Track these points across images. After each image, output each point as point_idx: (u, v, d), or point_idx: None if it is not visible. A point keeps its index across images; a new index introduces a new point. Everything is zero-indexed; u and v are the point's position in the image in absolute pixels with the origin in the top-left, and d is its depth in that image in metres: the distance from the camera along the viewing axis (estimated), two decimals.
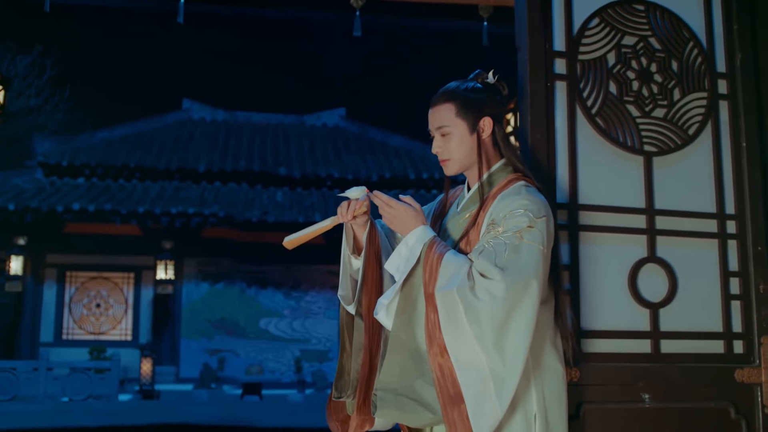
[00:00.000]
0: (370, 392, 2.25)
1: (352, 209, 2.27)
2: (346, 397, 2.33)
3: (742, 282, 2.81)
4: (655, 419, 2.63)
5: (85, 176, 17.51)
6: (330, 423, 2.40)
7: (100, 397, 12.37)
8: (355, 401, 2.27)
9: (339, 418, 2.39)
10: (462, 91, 2.33)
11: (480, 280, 2.04)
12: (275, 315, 17.71)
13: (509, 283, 2.02)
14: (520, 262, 2.07)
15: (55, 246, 16.72)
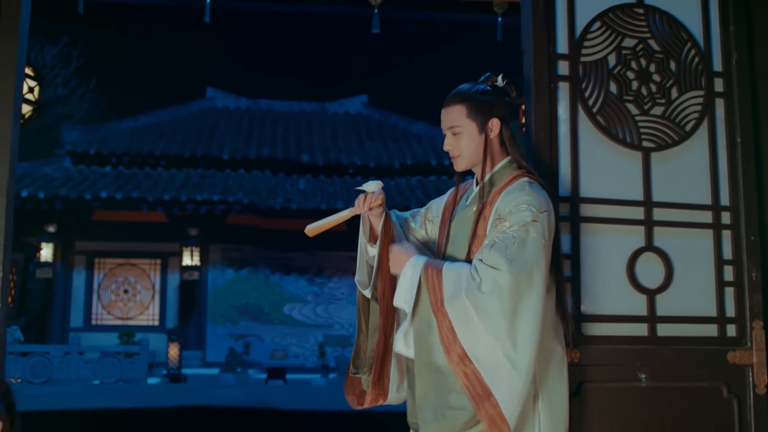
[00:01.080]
0: (384, 369, 2.47)
1: (368, 201, 2.47)
2: (362, 374, 2.54)
3: (736, 270, 2.99)
4: (652, 398, 2.82)
5: (112, 164, 17.82)
6: (347, 396, 2.62)
7: (129, 380, 12.71)
8: (371, 377, 2.48)
9: (355, 392, 2.60)
10: (472, 93, 2.51)
11: (487, 272, 2.22)
12: (299, 301, 17.97)
13: (515, 273, 2.21)
14: (526, 253, 2.26)
15: (84, 233, 17.06)
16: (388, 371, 2.51)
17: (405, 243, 2.50)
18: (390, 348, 2.48)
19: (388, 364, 2.50)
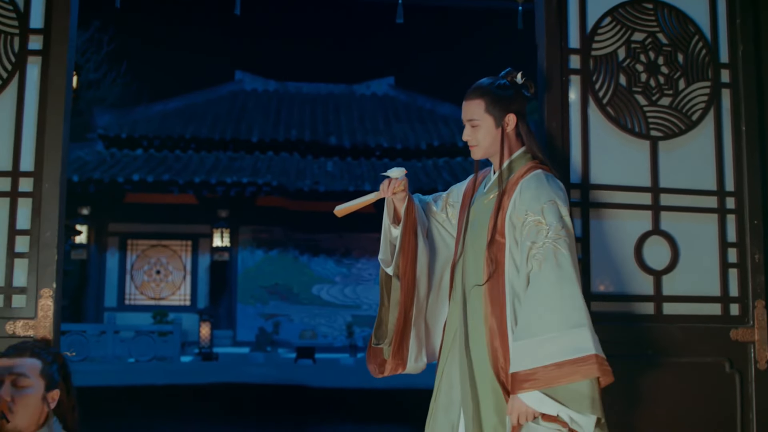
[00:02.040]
0: (404, 341, 2.67)
1: (392, 186, 2.67)
2: (383, 344, 2.75)
3: (739, 252, 3.15)
4: (657, 372, 3.01)
5: (143, 147, 18.13)
6: (369, 366, 2.83)
7: (163, 358, 13.08)
8: (391, 348, 2.69)
9: (377, 361, 2.80)
10: (492, 88, 2.68)
11: (557, 272, 2.40)
12: (327, 281, 18.24)
13: (574, 258, 2.42)
14: (573, 243, 2.44)
15: (117, 215, 17.43)
16: (408, 343, 2.71)
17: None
18: (409, 321, 2.69)
19: (407, 336, 2.70)
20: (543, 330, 2.37)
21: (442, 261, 2.81)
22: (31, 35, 2.93)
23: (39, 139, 2.87)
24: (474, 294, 2.59)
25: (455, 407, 2.60)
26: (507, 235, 2.53)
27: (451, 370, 2.64)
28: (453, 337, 2.67)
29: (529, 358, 2.36)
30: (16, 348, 2.43)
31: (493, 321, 2.52)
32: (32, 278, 2.80)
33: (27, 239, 2.82)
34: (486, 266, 2.56)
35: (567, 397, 2.33)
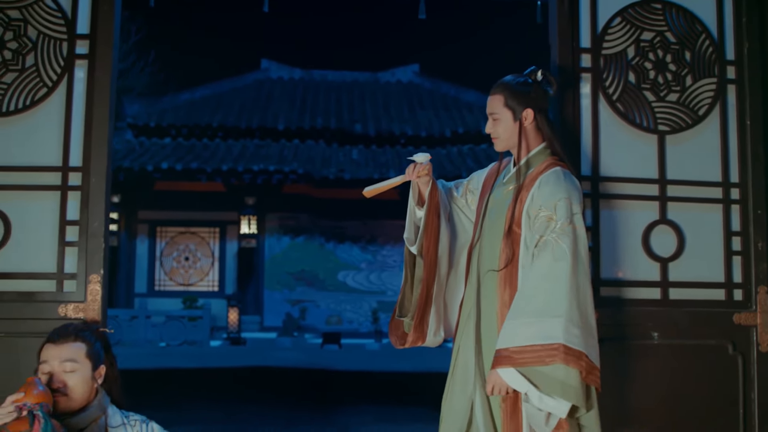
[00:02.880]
0: (425, 315, 2.89)
1: (417, 171, 2.88)
2: (405, 318, 2.96)
3: (743, 240, 3.33)
4: (663, 353, 3.20)
5: (171, 136, 18.43)
6: (391, 337, 3.04)
7: (193, 342, 13.42)
8: (413, 321, 2.90)
9: (398, 333, 3.01)
10: (512, 85, 2.87)
11: (550, 264, 2.58)
12: (353, 268, 18.49)
13: (575, 254, 2.59)
14: (577, 241, 2.62)
15: (146, 203, 17.77)
16: (428, 318, 2.91)
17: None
18: (431, 298, 2.90)
19: (428, 311, 2.91)
20: (524, 314, 2.57)
21: (461, 243, 3.01)
22: (78, 40, 3.15)
23: (86, 136, 3.11)
24: (488, 278, 2.79)
25: (470, 380, 2.79)
26: (523, 226, 2.72)
27: (467, 348, 2.84)
28: (467, 317, 2.86)
29: (509, 338, 2.57)
30: (60, 334, 2.60)
31: (506, 301, 2.71)
32: (81, 265, 3.04)
33: (76, 229, 3.07)
34: (502, 254, 2.76)
35: (537, 378, 2.53)
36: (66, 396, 2.51)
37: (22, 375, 2.83)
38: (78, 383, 2.54)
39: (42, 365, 2.52)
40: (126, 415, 2.66)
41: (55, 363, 2.52)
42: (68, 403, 2.52)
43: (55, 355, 2.53)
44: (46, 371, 2.51)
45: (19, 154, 3.10)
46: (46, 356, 2.53)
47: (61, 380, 2.51)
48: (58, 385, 2.50)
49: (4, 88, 3.11)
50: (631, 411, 3.15)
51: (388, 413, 7.40)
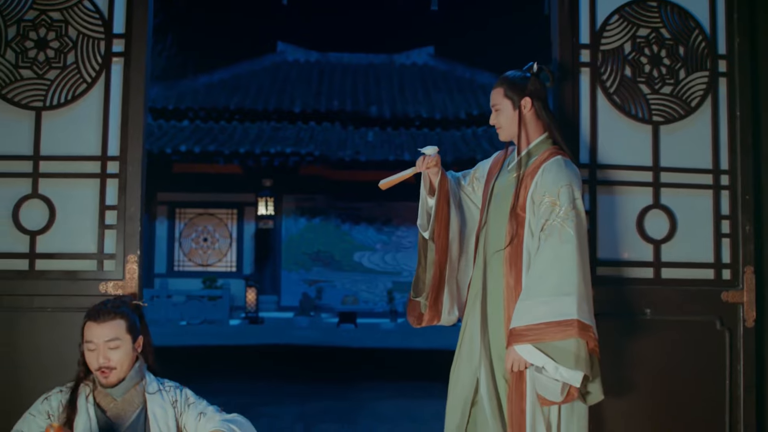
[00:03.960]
0: (439, 296, 3.15)
1: (426, 162, 3.12)
2: (421, 299, 3.22)
3: (732, 223, 3.57)
4: (655, 328, 3.45)
5: (189, 119, 18.64)
6: (409, 318, 3.31)
7: (213, 321, 13.76)
8: (428, 302, 3.17)
9: (415, 313, 3.28)
10: (511, 77, 3.12)
11: (558, 247, 2.82)
12: (368, 249, 18.73)
13: (579, 236, 2.84)
14: (580, 223, 2.88)
15: (165, 185, 18.02)
16: (442, 298, 3.18)
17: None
18: (443, 279, 3.16)
19: (441, 292, 3.18)
20: (538, 294, 2.82)
21: (470, 228, 3.26)
22: (114, 39, 3.43)
23: (123, 128, 3.38)
24: (495, 259, 3.05)
25: (476, 356, 3.06)
26: (527, 210, 2.97)
27: (473, 325, 3.10)
28: (475, 296, 3.12)
29: (525, 317, 2.82)
30: (100, 312, 2.81)
31: (511, 282, 2.97)
32: (120, 246, 3.33)
33: (115, 213, 3.35)
34: (507, 235, 3.01)
35: (553, 352, 2.77)
36: (113, 370, 2.79)
37: (67, 347, 3.15)
38: (122, 357, 2.81)
39: (87, 344, 2.77)
40: (161, 382, 2.93)
41: (100, 342, 2.76)
42: (115, 375, 2.80)
43: (99, 334, 2.76)
44: (92, 349, 2.77)
45: (61, 144, 3.38)
46: (90, 336, 2.77)
47: (106, 357, 2.76)
48: (104, 362, 2.76)
49: (47, 84, 3.39)
50: (625, 382, 3.41)
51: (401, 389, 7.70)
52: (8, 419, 2.95)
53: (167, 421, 2.83)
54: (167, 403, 2.86)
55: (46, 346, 3.28)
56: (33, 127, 3.37)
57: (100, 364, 2.76)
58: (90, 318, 2.80)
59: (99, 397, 2.81)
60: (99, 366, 2.76)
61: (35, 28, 3.40)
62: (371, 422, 6.16)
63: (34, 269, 3.33)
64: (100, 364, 2.76)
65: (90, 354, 2.78)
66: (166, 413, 2.84)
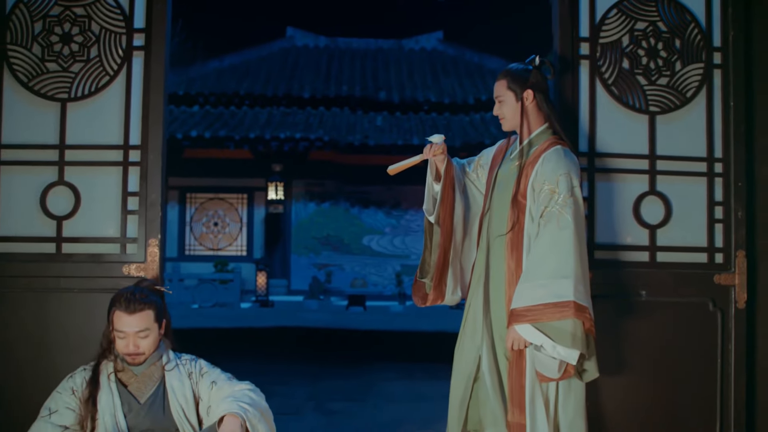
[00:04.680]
0: (443, 277, 3.33)
1: (433, 150, 3.29)
2: (426, 279, 3.40)
3: (725, 209, 3.72)
4: (650, 309, 3.62)
5: (200, 104, 18.78)
6: (414, 297, 3.49)
7: (224, 304, 13.98)
8: (432, 282, 3.35)
9: (420, 294, 3.46)
10: (514, 70, 3.28)
11: (557, 233, 2.99)
12: (377, 232, 18.91)
13: (577, 222, 3.01)
14: (578, 210, 3.04)
15: (177, 170, 18.14)
16: (446, 279, 3.36)
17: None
18: (447, 261, 3.34)
19: (446, 273, 3.35)
20: (538, 277, 2.99)
21: (474, 213, 3.42)
22: (135, 34, 3.60)
23: (144, 118, 3.56)
24: (497, 243, 3.22)
25: (479, 334, 3.24)
26: (528, 197, 3.14)
27: (476, 305, 3.27)
28: (478, 278, 3.29)
29: (525, 298, 2.99)
30: (131, 301, 2.93)
31: (512, 265, 3.14)
32: (141, 230, 3.52)
33: (137, 199, 3.54)
34: (509, 221, 3.18)
35: (551, 332, 2.95)
36: (141, 355, 2.96)
37: (92, 325, 3.35)
38: (150, 344, 2.97)
39: (117, 333, 2.92)
40: (178, 356, 3.10)
41: (131, 333, 2.91)
42: (143, 358, 2.98)
43: (130, 324, 2.91)
44: (122, 337, 2.92)
45: (86, 134, 3.57)
46: (120, 326, 2.91)
47: (136, 345, 2.92)
48: (134, 349, 2.92)
49: (72, 77, 3.57)
50: (621, 360, 3.58)
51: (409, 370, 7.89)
52: (39, 392, 3.16)
53: (184, 392, 2.99)
54: (184, 376, 3.02)
55: (72, 325, 3.48)
56: (59, 118, 3.56)
57: (129, 351, 2.93)
58: (120, 308, 2.93)
59: (120, 373, 2.99)
60: (131, 354, 2.93)
61: (60, 23, 3.58)
62: (380, 402, 6.33)
63: (60, 252, 3.52)
64: (130, 351, 2.93)
65: (120, 341, 2.94)
66: (183, 385, 3.00)
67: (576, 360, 2.97)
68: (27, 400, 3.32)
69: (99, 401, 2.92)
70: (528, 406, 3.06)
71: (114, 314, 2.95)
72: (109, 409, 2.91)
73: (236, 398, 2.87)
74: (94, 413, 2.91)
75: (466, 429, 3.25)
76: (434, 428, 3.43)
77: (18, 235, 3.52)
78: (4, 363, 3.47)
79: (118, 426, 2.89)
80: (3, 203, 3.52)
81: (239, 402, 2.84)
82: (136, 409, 2.94)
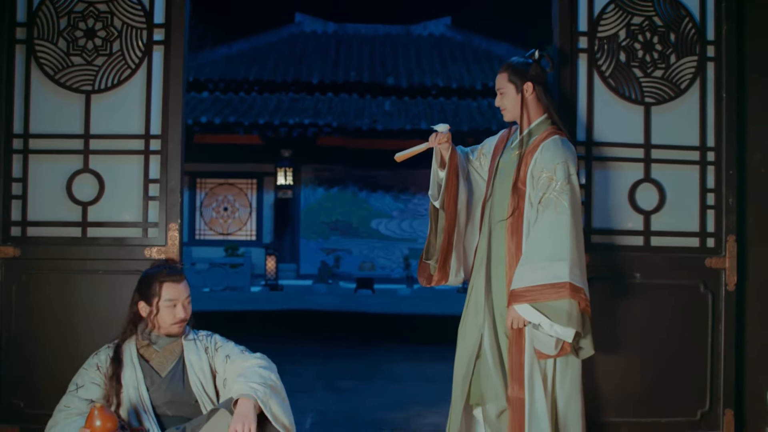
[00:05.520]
0: (447, 258, 3.51)
1: (438, 138, 3.46)
2: (431, 261, 3.59)
3: (716, 196, 3.90)
4: (644, 291, 3.82)
5: (209, 90, 18.90)
6: (419, 278, 3.67)
7: (235, 288, 14.20)
8: (437, 264, 3.54)
9: (425, 274, 3.64)
10: (514, 64, 3.46)
11: (554, 218, 3.17)
12: (385, 216, 19.08)
13: (573, 208, 3.19)
14: (575, 197, 3.23)
15: (187, 155, 17.90)
16: (450, 261, 3.54)
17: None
18: (451, 244, 3.52)
19: (450, 255, 3.53)
20: (536, 260, 3.17)
21: (477, 199, 3.59)
22: (155, 29, 3.79)
23: (164, 109, 3.77)
24: (498, 227, 3.40)
25: (481, 313, 3.42)
26: (528, 184, 3.32)
27: (479, 286, 3.46)
28: (480, 261, 3.47)
29: (523, 279, 3.18)
30: (175, 274, 3.15)
31: (512, 248, 3.33)
32: (162, 215, 3.72)
33: (157, 186, 3.75)
34: (509, 207, 3.37)
35: (548, 311, 3.14)
36: (186, 321, 3.15)
37: (116, 305, 3.55)
38: (190, 310, 3.18)
39: (166, 302, 3.10)
40: (196, 333, 3.28)
41: (181, 299, 3.12)
42: (184, 326, 3.16)
43: (180, 290, 3.12)
44: (173, 305, 3.11)
45: (109, 124, 3.78)
46: (171, 294, 3.10)
47: (186, 310, 3.13)
48: (185, 315, 3.12)
49: (95, 70, 3.77)
50: (616, 339, 3.78)
51: (415, 352, 8.08)
52: (66, 367, 3.37)
53: (202, 366, 3.17)
54: (201, 351, 3.20)
55: (97, 305, 3.70)
56: (83, 109, 3.76)
57: (180, 317, 3.12)
58: (167, 279, 3.12)
59: (142, 349, 3.18)
60: (179, 319, 3.13)
61: (84, 19, 3.77)
62: (387, 382, 6.53)
63: (86, 236, 3.74)
64: (181, 318, 3.13)
65: (167, 310, 3.11)
66: (201, 359, 3.18)
67: (572, 338, 3.16)
68: (55, 375, 3.56)
69: (123, 377, 3.10)
70: (527, 381, 3.25)
71: (162, 287, 3.12)
72: (132, 383, 3.10)
73: (247, 378, 3.02)
74: (119, 389, 3.09)
75: (468, 403, 3.45)
76: (440, 408, 3.62)
77: (45, 219, 3.74)
78: (33, 340, 3.69)
79: (141, 399, 3.08)
80: (31, 190, 3.73)
81: (249, 383, 2.98)
82: (157, 382, 3.12)
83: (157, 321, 3.13)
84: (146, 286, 3.15)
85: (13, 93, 3.73)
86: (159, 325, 3.14)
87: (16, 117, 3.74)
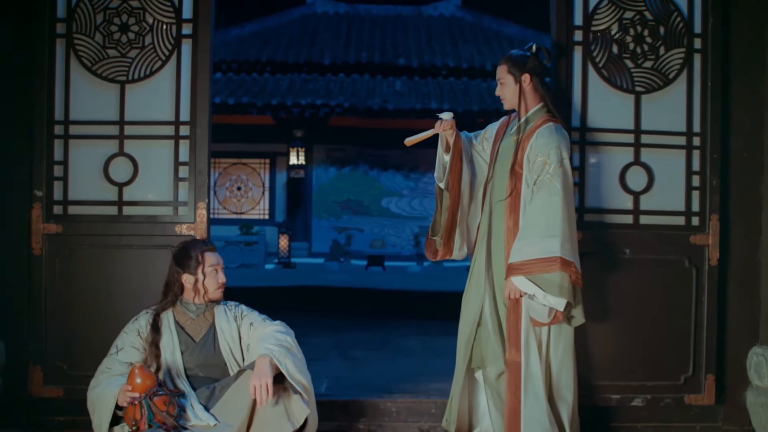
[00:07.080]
0: (451, 235, 3.83)
1: (443, 125, 3.75)
2: (437, 237, 3.90)
3: (701, 178, 4.21)
4: (633, 265, 4.14)
5: (222, 71, 19.06)
6: (426, 252, 3.99)
7: (250, 265, 14.54)
8: (442, 240, 3.86)
9: (431, 249, 3.96)
10: (513, 56, 3.77)
11: (547, 198, 3.48)
12: (395, 195, 19.32)
13: (565, 189, 3.50)
14: (566, 179, 3.54)
15: None
16: (454, 237, 3.86)
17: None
18: (455, 222, 3.83)
19: (454, 232, 3.85)
20: (530, 236, 3.49)
21: (479, 180, 3.91)
22: (183, 24, 4.12)
23: (192, 97, 4.09)
24: (498, 207, 3.72)
25: (482, 285, 3.75)
26: (524, 167, 3.63)
27: (480, 260, 3.78)
28: (482, 237, 3.80)
29: (519, 254, 3.50)
30: (207, 243, 3.59)
31: (510, 225, 3.64)
32: (191, 195, 4.07)
33: (187, 168, 4.09)
34: (508, 188, 3.68)
35: (542, 283, 3.46)
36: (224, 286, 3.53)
37: (149, 277, 3.90)
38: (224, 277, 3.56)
39: (209, 268, 3.49)
40: (225, 303, 3.62)
41: (220, 265, 3.55)
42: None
43: (218, 258, 3.57)
44: (216, 271, 3.52)
45: (142, 111, 4.11)
46: (213, 261, 3.52)
47: (223, 276, 3.53)
48: (224, 279, 3.53)
49: (129, 62, 4.10)
50: (606, 309, 4.11)
51: (425, 327, 8.35)
52: (104, 332, 3.79)
53: (231, 333, 3.52)
54: (230, 319, 3.55)
55: (133, 277, 4.05)
56: (118, 97, 4.10)
57: (222, 281, 3.52)
58: (206, 249, 3.54)
59: (178, 316, 3.53)
60: (221, 283, 3.52)
61: (118, 14, 4.10)
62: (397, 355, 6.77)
63: (121, 214, 4.09)
64: (223, 281, 3.52)
65: (211, 275, 3.50)
66: (231, 327, 3.53)
67: (563, 307, 3.50)
68: (93, 340, 3.94)
69: (161, 343, 3.44)
70: (523, 346, 3.58)
71: (204, 255, 3.52)
72: (169, 348, 3.44)
73: (265, 341, 3.35)
74: (158, 353, 3.44)
75: (470, 366, 3.79)
76: (447, 380, 3.94)
77: (85, 199, 4.09)
78: (74, 309, 4.04)
79: (175, 362, 3.43)
80: (72, 172, 4.08)
81: (267, 345, 3.32)
82: (191, 347, 3.47)
83: (205, 287, 3.48)
84: (187, 257, 3.50)
85: (55, 83, 4.06)
86: (206, 290, 3.49)
87: (57, 105, 4.07)
